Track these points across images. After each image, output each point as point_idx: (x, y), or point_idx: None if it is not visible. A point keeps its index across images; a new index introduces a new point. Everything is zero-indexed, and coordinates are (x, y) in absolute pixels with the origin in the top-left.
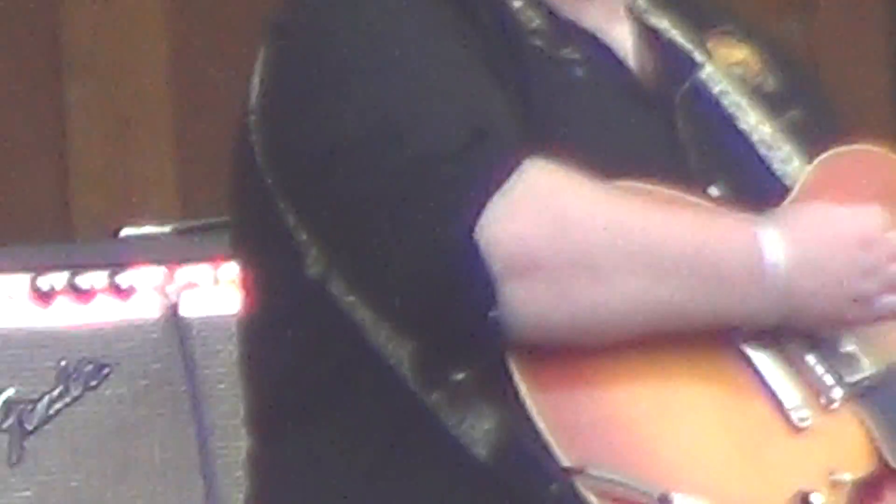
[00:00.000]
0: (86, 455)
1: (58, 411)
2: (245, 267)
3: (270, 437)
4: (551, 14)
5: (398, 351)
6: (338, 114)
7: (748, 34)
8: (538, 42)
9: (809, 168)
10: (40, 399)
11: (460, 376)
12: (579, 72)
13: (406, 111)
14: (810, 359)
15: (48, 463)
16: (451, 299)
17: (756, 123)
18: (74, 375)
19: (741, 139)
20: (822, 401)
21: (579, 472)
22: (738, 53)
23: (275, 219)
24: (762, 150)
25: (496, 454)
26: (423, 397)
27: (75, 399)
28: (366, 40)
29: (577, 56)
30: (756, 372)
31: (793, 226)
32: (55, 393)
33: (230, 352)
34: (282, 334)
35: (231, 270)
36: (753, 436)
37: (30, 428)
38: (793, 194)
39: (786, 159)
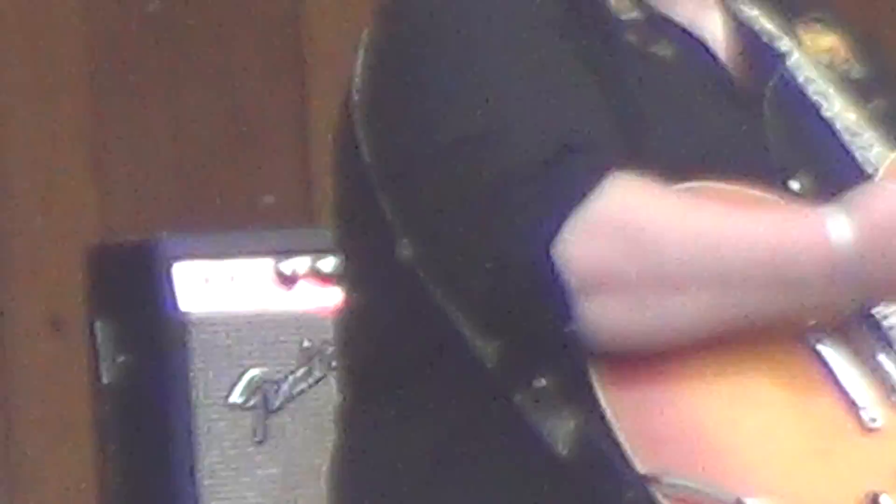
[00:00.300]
0: (328, 434)
1: (301, 391)
2: (342, 244)
3: (359, 398)
4: (645, 6)
5: (485, 346)
6: (426, 116)
7: (836, 22)
8: (632, 37)
9: (895, 153)
10: (285, 379)
11: (542, 383)
12: (671, 68)
13: (495, 121)
14: (882, 358)
15: (292, 441)
16: (529, 315)
17: (840, 111)
18: (317, 357)
19: (825, 128)
20: (894, 400)
21: (655, 480)
22: (826, 41)
23: (370, 199)
24: (845, 138)
25: (575, 455)
26: (506, 392)
27: (318, 380)
28: (467, 39)
29: (669, 52)
30: (829, 371)
31: (862, 207)
32: (299, 374)
33: None
34: (376, 311)
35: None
36: (825, 436)
37: (274, 407)
38: (876, 179)
39: (867, 146)
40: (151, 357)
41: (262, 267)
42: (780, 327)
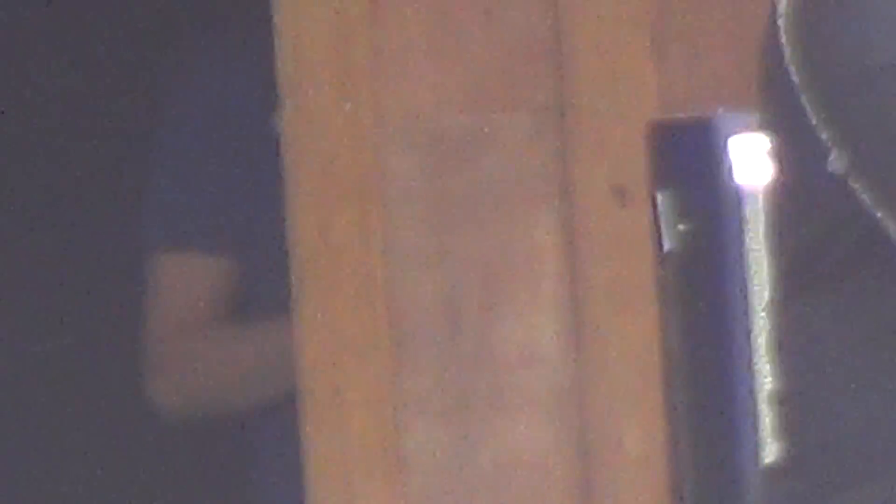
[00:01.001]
0: None
1: None
2: (773, 147)
3: (791, 293)
4: None
5: None
6: (861, 39)
7: None
8: None
9: None
10: None
11: None
12: None
13: None
14: None
15: None
16: None
17: None
18: None
19: None
20: None
21: None
22: None
23: (800, 114)
24: None
25: None
26: None
27: None
28: None
29: None
30: None
31: None
32: None
33: None
34: (804, 212)
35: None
36: None
37: None
38: None
39: None
40: (709, 226)
41: None
42: None
